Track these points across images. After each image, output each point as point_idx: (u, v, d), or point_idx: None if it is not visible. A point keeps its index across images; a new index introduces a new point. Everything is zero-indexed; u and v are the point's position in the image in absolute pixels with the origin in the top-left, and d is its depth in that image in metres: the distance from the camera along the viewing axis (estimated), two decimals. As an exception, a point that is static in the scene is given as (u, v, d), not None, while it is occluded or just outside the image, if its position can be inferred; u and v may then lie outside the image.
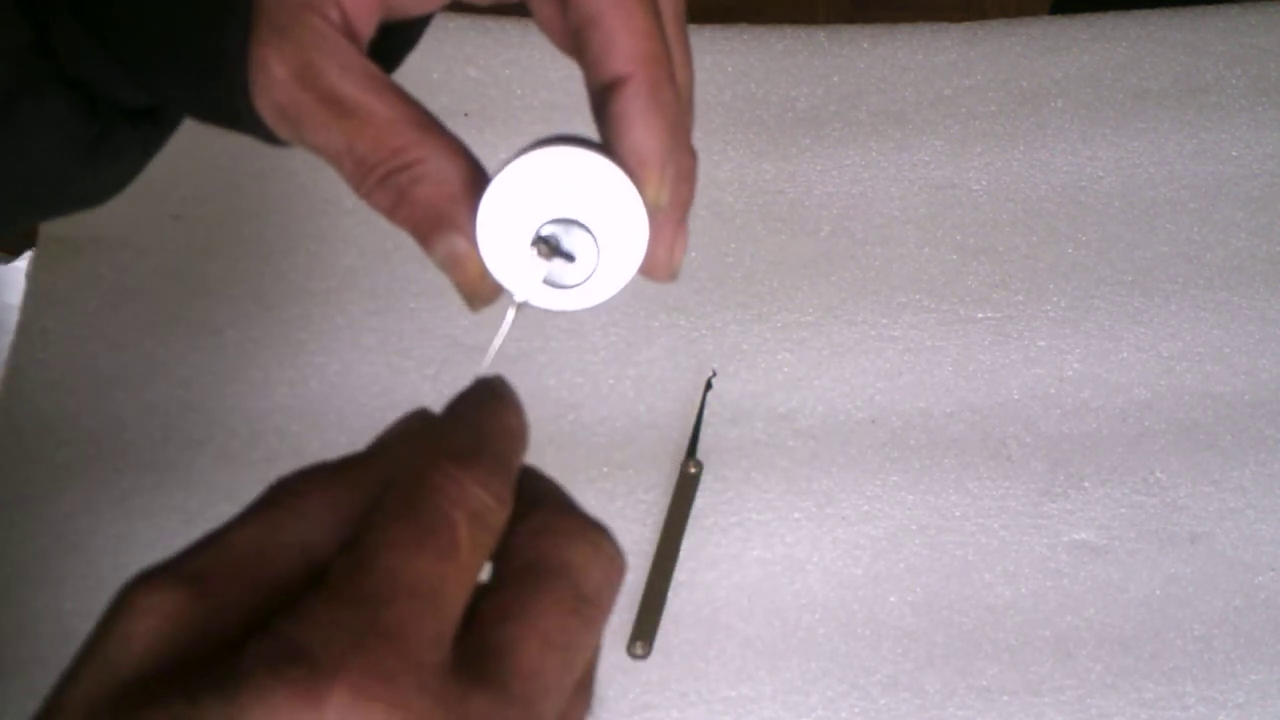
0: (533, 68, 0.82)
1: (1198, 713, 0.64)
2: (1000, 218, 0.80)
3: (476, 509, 0.24)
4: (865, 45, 0.85)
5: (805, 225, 0.79)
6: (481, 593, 0.24)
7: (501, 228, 0.30)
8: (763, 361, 0.74)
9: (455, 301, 0.32)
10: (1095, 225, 0.79)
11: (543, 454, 0.71)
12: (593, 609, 0.24)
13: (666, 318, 0.75)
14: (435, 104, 0.31)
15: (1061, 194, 0.81)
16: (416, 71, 0.38)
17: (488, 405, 0.27)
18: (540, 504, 0.26)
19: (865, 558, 0.68)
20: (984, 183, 0.81)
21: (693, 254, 0.77)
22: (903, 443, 0.72)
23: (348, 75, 0.30)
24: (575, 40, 0.31)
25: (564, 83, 0.81)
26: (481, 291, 0.31)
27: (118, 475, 0.69)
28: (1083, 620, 0.67)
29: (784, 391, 0.73)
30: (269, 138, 0.32)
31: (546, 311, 0.31)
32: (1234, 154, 0.82)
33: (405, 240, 0.35)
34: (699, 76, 0.35)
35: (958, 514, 0.70)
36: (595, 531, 0.25)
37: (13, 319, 0.72)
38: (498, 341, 0.31)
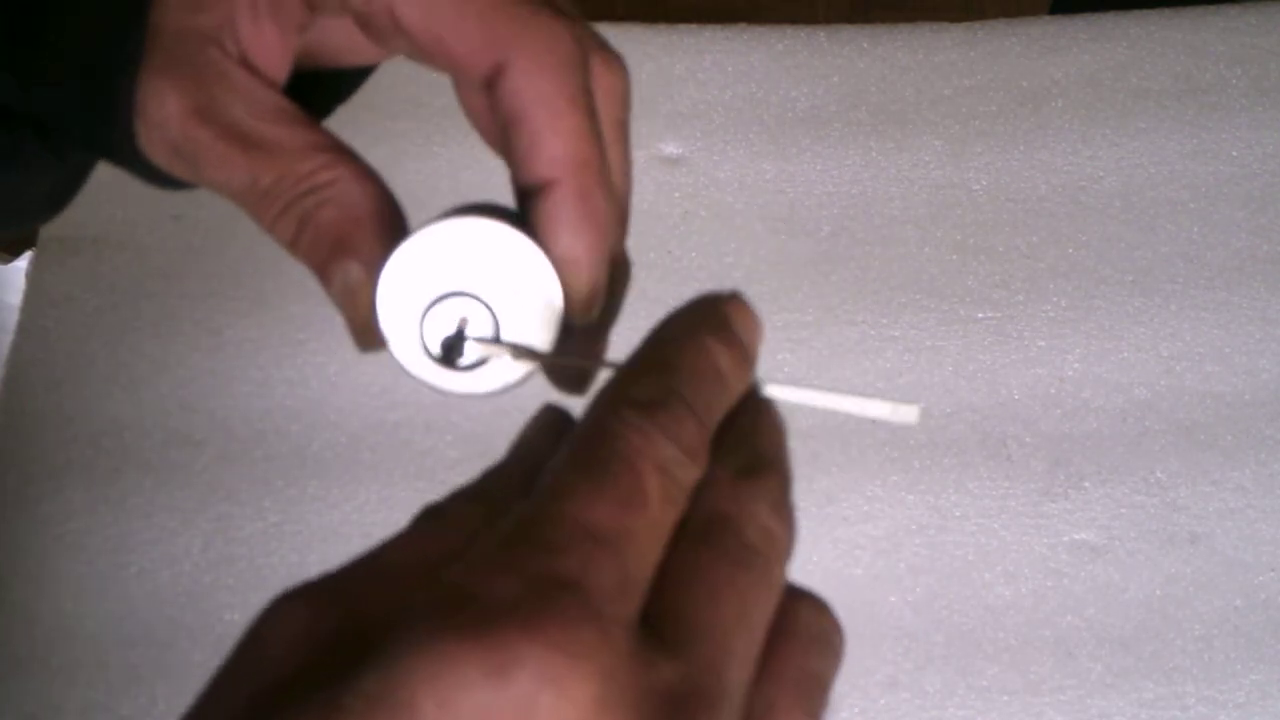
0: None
1: (1198, 713, 0.64)
2: (1000, 218, 0.80)
3: (663, 460, 0.22)
4: (865, 45, 0.85)
5: (805, 225, 0.79)
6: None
7: (400, 291, 0.28)
8: (763, 361, 0.73)
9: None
10: (1095, 225, 0.79)
11: (543, 454, 0.68)
12: (761, 559, 0.23)
13: (666, 318, 0.75)
14: (436, 102, 0.31)
15: (1061, 194, 0.81)
16: (420, 71, 0.38)
17: (693, 340, 0.25)
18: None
19: (865, 558, 0.68)
20: (984, 183, 0.81)
21: (693, 254, 0.77)
22: (903, 443, 0.72)
23: (251, 108, 0.28)
24: (503, 136, 0.29)
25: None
26: (367, 330, 0.29)
27: (118, 475, 0.69)
28: (1083, 620, 0.67)
29: (784, 391, 0.73)
30: (149, 175, 0.30)
31: (433, 388, 0.29)
32: (1234, 154, 0.82)
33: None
34: (699, 76, 0.35)
35: (958, 514, 0.70)
36: (772, 474, 0.23)
37: (13, 319, 0.72)
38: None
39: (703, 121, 0.82)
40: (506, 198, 0.30)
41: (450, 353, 0.28)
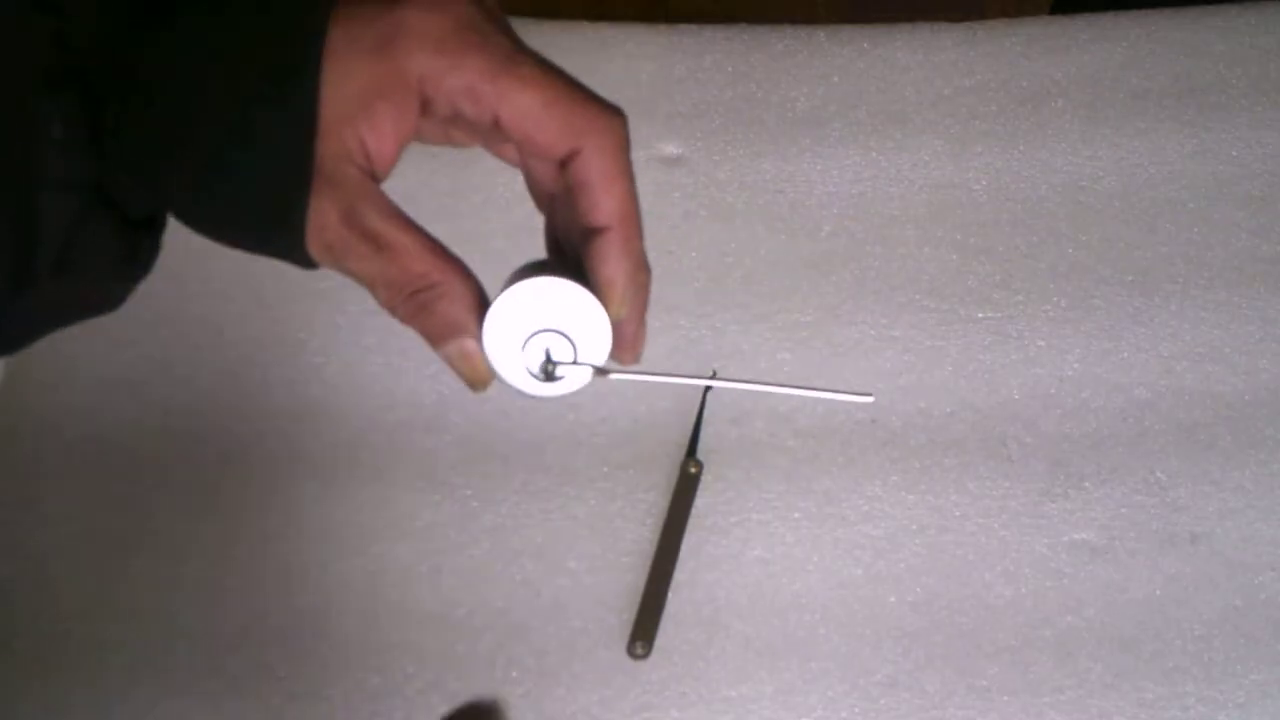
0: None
1: (1198, 713, 0.64)
2: (1000, 218, 0.80)
3: None
4: (865, 45, 0.85)
5: (805, 225, 0.79)
6: None
7: (500, 335, 0.40)
8: (763, 361, 0.74)
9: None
10: (1095, 225, 0.79)
11: (543, 454, 0.70)
12: None
13: (667, 317, 0.75)
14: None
15: (1061, 194, 0.81)
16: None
17: None
18: None
19: (865, 558, 0.68)
20: (984, 183, 0.81)
21: (693, 254, 0.77)
22: (903, 443, 0.72)
23: (381, 217, 0.38)
24: (569, 196, 0.39)
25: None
26: (484, 380, 0.41)
27: (118, 475, 0.69)
28: (1083, 620, 0.67)
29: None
30: (300, 262, 0.39)
31: (534, 397, 0.41)
32: (1234, 154, 0.82)
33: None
34: (699, 76, 0.40)
35: (958, 514, 0.70)
36: None
37: (13, 319, 0.72)
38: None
39: (703, 121, 0.82)
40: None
41: (546, 373, 0.41)
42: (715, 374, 0.73)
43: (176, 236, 0.46)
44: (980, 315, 0.76)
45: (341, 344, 0.73)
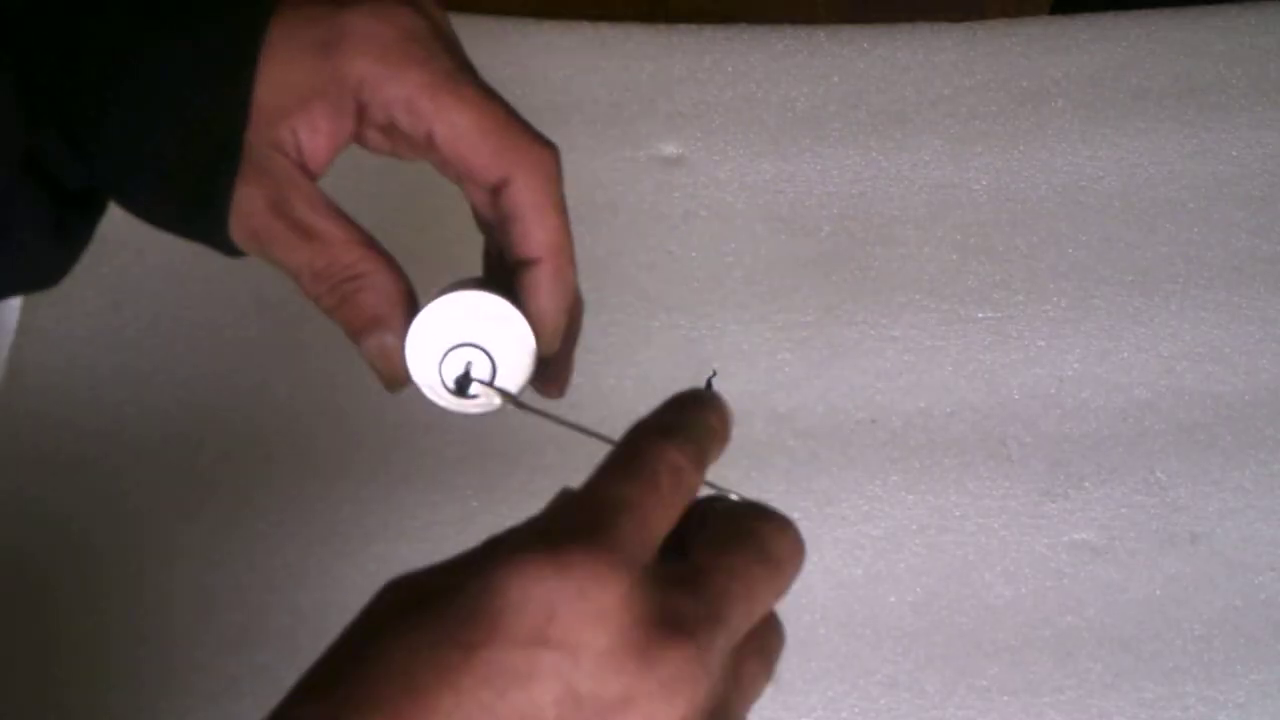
0: (533, 69, 0.82)
1: (1198, 713, 0.64)
2: (1000, 218, 0.80)
3: (673, 464, 0.31)
4: (865, 45, 0.85)
5: (805, 225, 0.79)
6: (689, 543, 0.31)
7: (424, 341, 0.39)
8: (763, 361, 0.74)
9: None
10: (1095, 225, 0.79)
11: (543, 454, 0.71)
12: (775, 568, 0.31)
13: (666, 317, 0.75)
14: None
15: (1061, 194, 0.81)
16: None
17: (693, 403, 0.35)
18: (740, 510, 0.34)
19: (865, 558, 0.68)
20: (984, 183, 0.81)
21: (693, 254, 0.77)
22: (903, 443, 0.72)
23: (310, 207, 0.38)
24: (501, 225, 0.39)
25: (565, 82, 0.82)
26: (400, 381, 0.40)
27: (118, 475, 0.69)
28: (1083, 620, 0.67)
29: (784, 391, 0.73)
30: (222, 247, 0.40)
31: (448, 410, 0.41)
32: (1234, 154, 0.82)
33: (405, 242, 0.42)
34: (699, 76, 0.39)
35: (958, 514, 0.70)
36: (785, 519, 0.32)
37: (13, 319, 0.72)
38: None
39: (703, 121, 0.82)
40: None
41: (461, 388, 0.40)
42: (715, 374, 0.72)
43: (176, 236, 0.46)
44: (980, 315, 0.76)
45: (341, 344, 0.73)
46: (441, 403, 0.40)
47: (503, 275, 0.41)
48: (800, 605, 0.67)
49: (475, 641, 0.26)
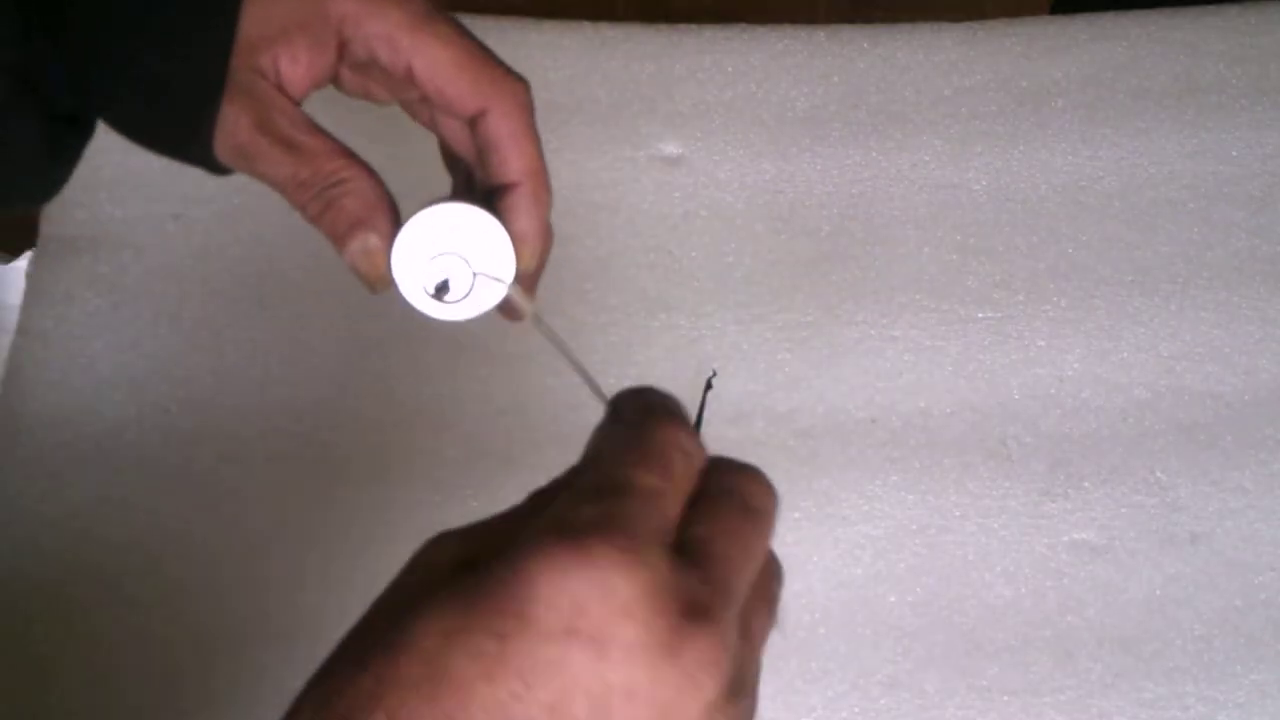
0: (534, 69, 0.82)
1: (1198, 713, 0.64)
2: (1000, 218, 0.80)
3: (685, 447, 0.32)
4: (865, 45, 0.85)
5: (805, 225, 0.79)
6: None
7: (409, 247, 0.41)
8: (763, 361, 0.74)
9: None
10: (1095, 225, 0.79)
11: (543, 453, 0.71)
12: (761, 519, 0.32)
13: (666, 317, 0.75)
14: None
15: (1061, 194, 0.81)
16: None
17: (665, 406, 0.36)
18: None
19: (865, 558, 0.68)
20: (984, 183, 0.81)
21: (693, 254, 0.77)
22: (903, 443, 0.72)
23: (292, 123, 0.40)
24: (479, 154, 0.42)
25: (565, 82, 0.81)
26: (383, 281, 0.41)
27: (118, 475, 0.69)
28: (1083, 620, 0.67)
29: (784, 391, 0.73)
30: (211, 168, 0.42)
31: (427, 318, 0.42)
32: (1234, 154, 0.82)
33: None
34: (699, 76, 0.40)
35: (958, 514, 0.70)
36: (752, 467, 0.33)
37: (13, 319, 0.72)
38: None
39: (703, 121, 0.82)
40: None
41: (440, 291, 0.41)
42: (715, 374, 0.73)
43: (177, 237, 0.47)
44: (980, 315, 0.76)
45: (341, 344, 0.73)
46: (420, 306, 0.42)
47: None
48: (800, 605, 0.67)
49: (508, 632, 0.27)
